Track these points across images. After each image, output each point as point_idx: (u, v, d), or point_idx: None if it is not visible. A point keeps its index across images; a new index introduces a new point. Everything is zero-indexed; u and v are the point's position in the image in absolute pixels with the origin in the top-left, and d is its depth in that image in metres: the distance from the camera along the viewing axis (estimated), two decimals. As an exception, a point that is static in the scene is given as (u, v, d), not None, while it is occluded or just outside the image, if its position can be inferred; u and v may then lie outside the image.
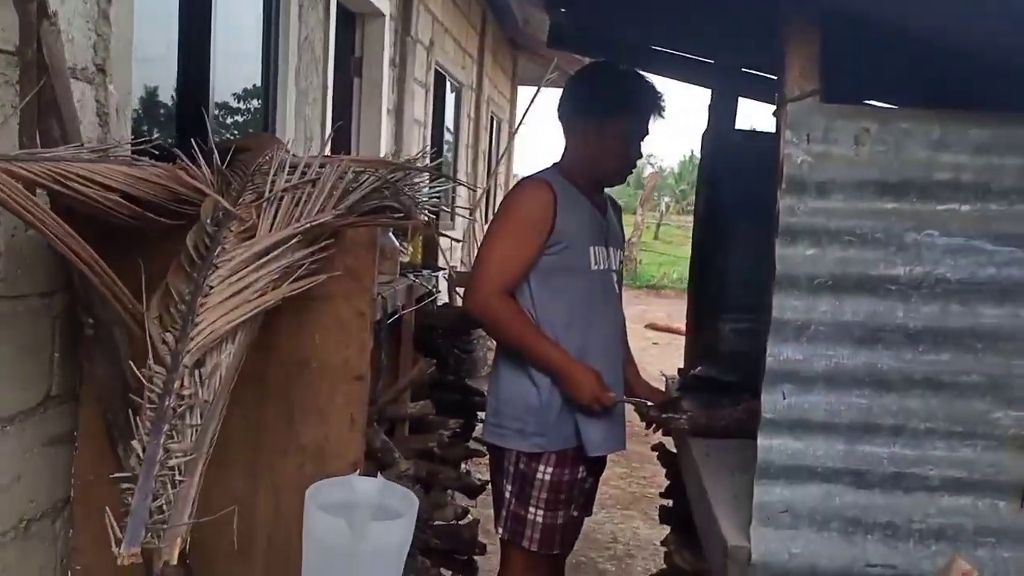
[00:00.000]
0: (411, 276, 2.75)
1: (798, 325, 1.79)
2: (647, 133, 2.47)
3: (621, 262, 2.52)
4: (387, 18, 4.96)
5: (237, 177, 1.98)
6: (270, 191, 1.85)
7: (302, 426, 2.01)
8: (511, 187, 2.42)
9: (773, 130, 1.93)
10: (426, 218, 2.78)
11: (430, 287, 2.88)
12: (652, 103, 2.41)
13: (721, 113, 3.22)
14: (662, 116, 2.49)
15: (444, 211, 3.81)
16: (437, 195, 2.61)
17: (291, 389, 2.02)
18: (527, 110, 8.24)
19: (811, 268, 1.77)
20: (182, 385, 1.46)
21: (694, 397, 2.92)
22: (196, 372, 1.50)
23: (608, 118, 2.38)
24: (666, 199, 30.32)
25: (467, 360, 3.11)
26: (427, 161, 2.49)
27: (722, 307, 3.41)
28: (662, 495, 3.15)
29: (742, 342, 3.53)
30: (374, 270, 2.10)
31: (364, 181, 2.12)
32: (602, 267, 2.42)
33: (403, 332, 2.59)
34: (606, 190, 2.57)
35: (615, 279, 2.50)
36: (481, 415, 2.64)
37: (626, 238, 2.79)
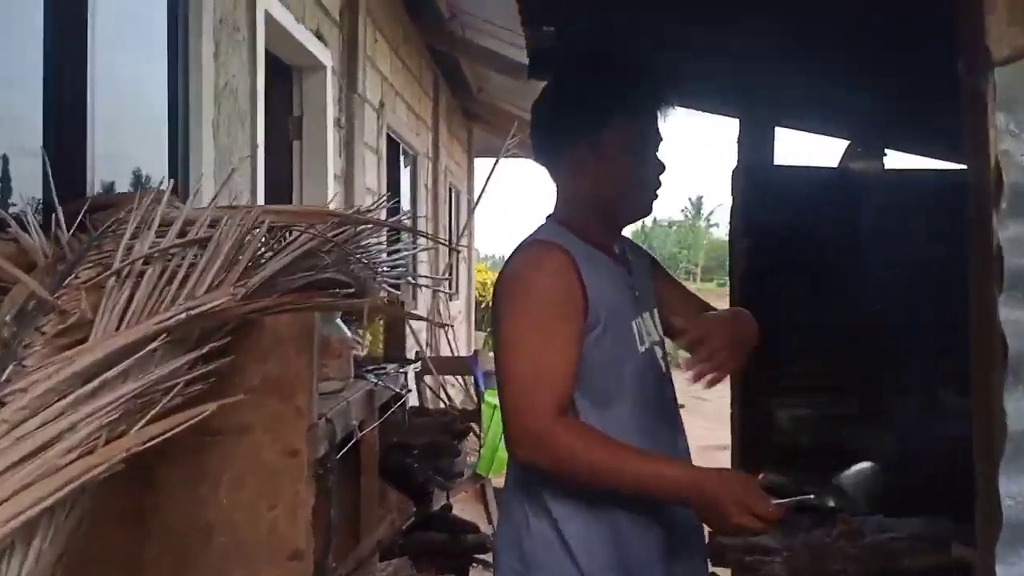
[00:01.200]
0: (371, 377, 1.97)
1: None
2: (660, 137, 1.69)
3: (657, 324, 1.73)
4: (328, 71, 4.27)
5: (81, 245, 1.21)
6: (121, 261, 1.08)
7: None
8: (508, 261, 1.62)
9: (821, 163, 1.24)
10: (388, 293, 2.01)
11: (397, 388, 2.09)
12: (656, 91, 1.66)
13: (755, 146, 2.54)
14: (674, 108, 1.72)
15: (412, 283, 3.04)
16: (401, 261, 1.86)
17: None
18: (488, 179, 7.59)
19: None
20: None
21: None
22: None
23: (601, 128, 1.61)
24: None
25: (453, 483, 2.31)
26: (384, 214, 1.75)
27: (775, 387, 2.69)
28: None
29: (803, 434, 2.81)
30: (312, 380, 1.33)
31: (291, 243, 1.37)
32: (647, 344, 1.65)
33: (363, 461, 1.79)
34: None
35: (662, 354, 1.70)
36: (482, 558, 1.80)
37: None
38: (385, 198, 2.18)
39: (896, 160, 2.68)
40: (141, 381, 0.97)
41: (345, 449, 1.61)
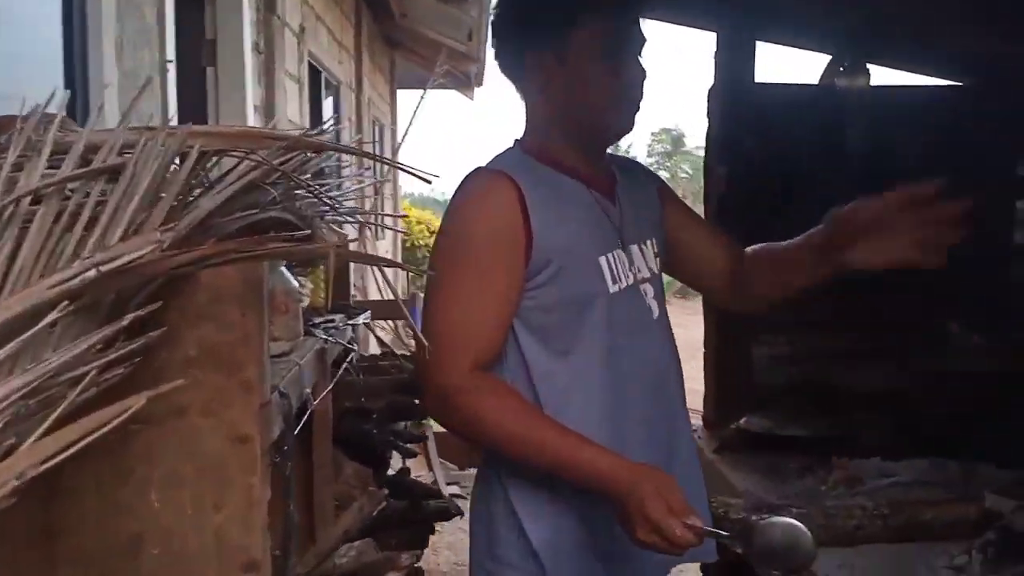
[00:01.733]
0: (319, 332, 1.69)
1: None
2: (642, 38, 1.42)
3: (658, 257, 1.50)
4: (243, -10, 3.85)
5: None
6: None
7: None
8: (459, 187, 1.40)
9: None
10: (337, 233, 1.74)
11: (346, 342, 1.82)
12: None
13: (734, 63, 2.30)
14: (652, 10, 1.48)
15: (362, 222, 2.72)
16: (353, 196, 1.58)
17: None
18: (415, 112, 7.18)
19: None
20: None
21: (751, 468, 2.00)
22: None
23: (567, 31, 1.35)
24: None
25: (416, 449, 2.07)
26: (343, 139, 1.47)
27: (753, 324, 2.50)
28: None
29: (784, 373, 2.64)
30: (263, 346, 1.06)
31: (228, 174, 1.08)
32: (627, 282, 1.41)
33: (316, 433, 1.52)
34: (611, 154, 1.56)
35: (654, 293, 1.47)
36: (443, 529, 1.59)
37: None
38: (332, 123, 1.87)
39: (881, 77, 2.48)
40: (35, 371, 0.69)
41: (300, 425, 1.34)
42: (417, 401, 2.03)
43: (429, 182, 1.51)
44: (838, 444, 2.03)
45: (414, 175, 1.40)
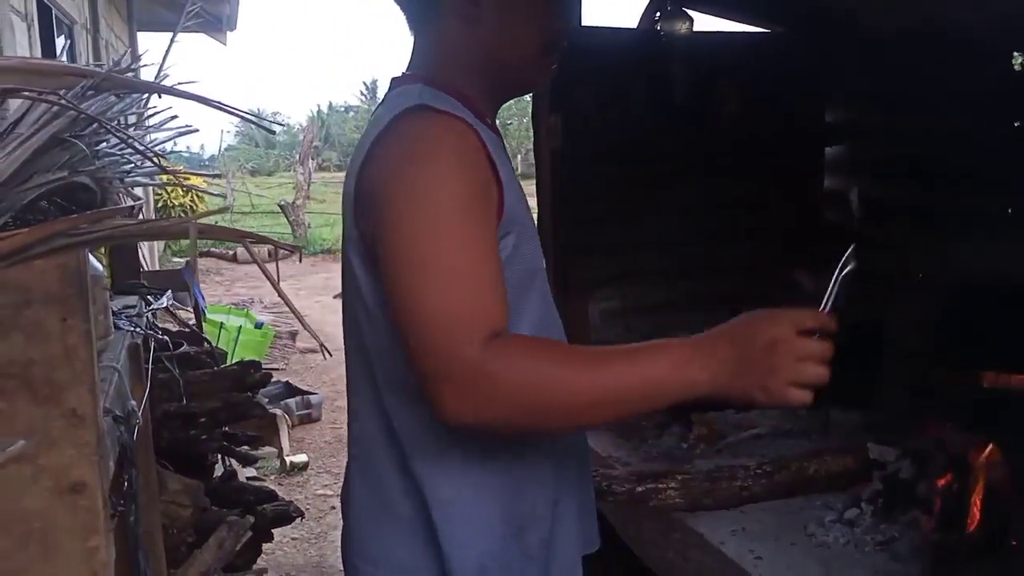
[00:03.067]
0: (124, 323, 1.37)
1: None
2: None
3: None
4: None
5: None
6: None
7: None
8: (381, 140, 1.04)
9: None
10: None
11: (160, 333, 1.50)
12: None
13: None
14: None
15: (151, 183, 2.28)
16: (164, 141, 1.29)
17: None
18: (164, 59, 6.45)
19: None
20: None
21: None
22: None
23: None
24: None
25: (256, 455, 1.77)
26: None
27: (592, 280, 2.41)
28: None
29: (618, 327, 2.58)
30: (93, 363, 0.78)
31: (19, 121, 0.78)
32: (542, 260, 1.24)
33: (136, 450, 1.21)
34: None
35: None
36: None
37: (294, 200, 1.47)
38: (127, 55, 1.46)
39: (704, 23, 2.44)
40: None
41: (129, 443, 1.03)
42: (254, 396, 1.73)
43: (273, 132, 1.21)
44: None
45: (259, 125, 1.13)
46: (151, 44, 10.66)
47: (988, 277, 1.52)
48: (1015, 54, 1.85)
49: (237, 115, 1.05)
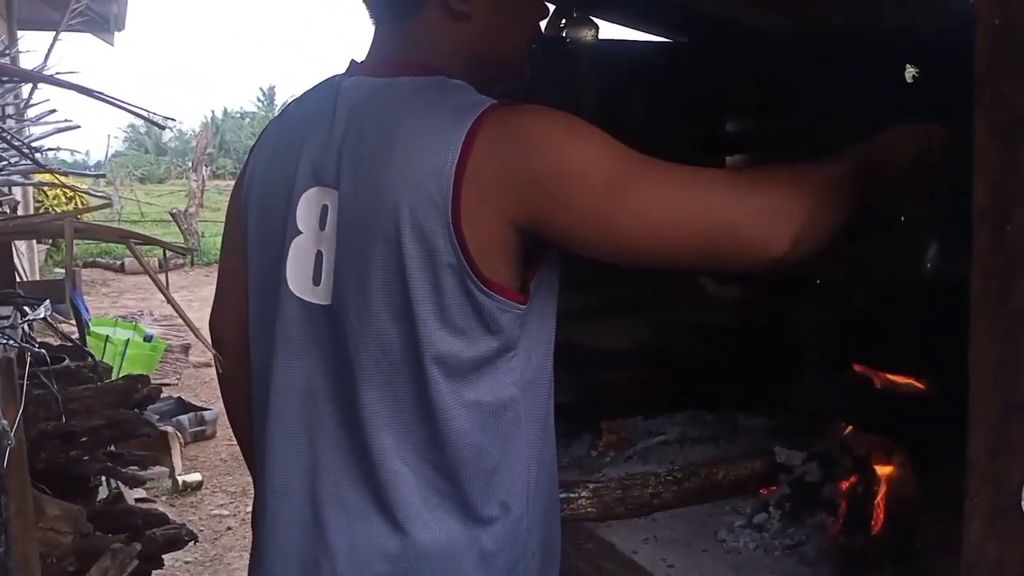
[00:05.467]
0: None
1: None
2: None
3: None
4: None
5: None
6: None
7: None
8: (537, 119, 1.02)
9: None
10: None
11: (36, 345, 1.38)
12: None
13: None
14: None
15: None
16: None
17: None
18: (46, 59, 6.12)
19: None
20: None
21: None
22: None
23: None
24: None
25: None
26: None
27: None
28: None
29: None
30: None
31: None
32: None
33: (9, 473, 1.11)
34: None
35: None
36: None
37: (186, 208, 1.42)
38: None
39: (609, 31, 2.45)
40: None
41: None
42: (142, 412, 1.61)
43: (163, 128, 1.13)
44: (597, 406, 1.98)
45: (149, 121, 1.05)
46: (35, 43, 10.15)
47: (889, 278, 1.56)
48: (907, 66, 1.92)
49: (121, 108, 0.97)
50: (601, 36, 2.41)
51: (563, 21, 2.49)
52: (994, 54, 0.83)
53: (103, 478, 1.76)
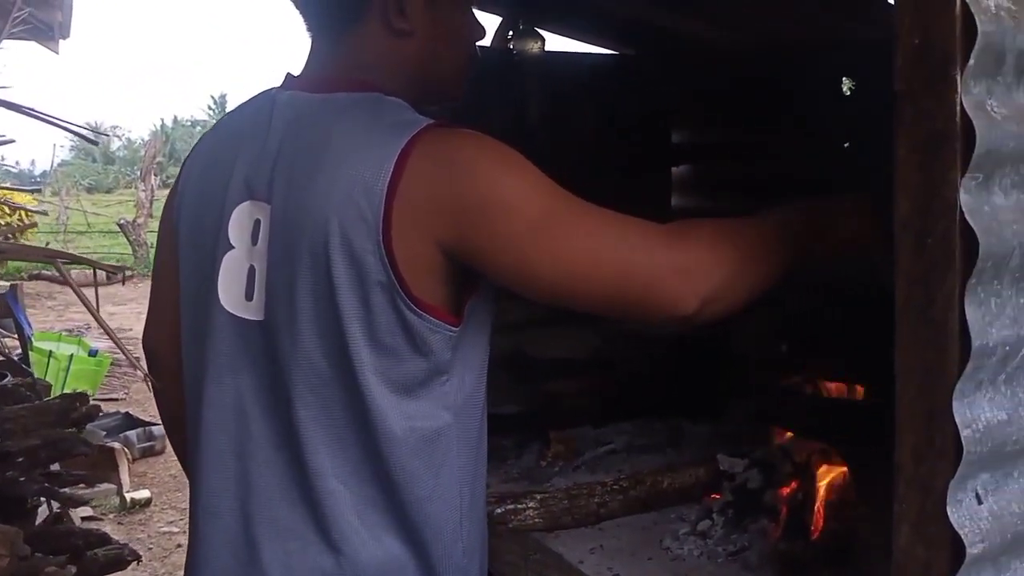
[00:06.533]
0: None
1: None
2: None
3: None
4: None
5: None
6: None
7: None
8: (472, 146, 1.01)
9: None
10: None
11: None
12: None
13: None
14: None
15: None
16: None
17: None
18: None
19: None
20: None
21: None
22: None
23: None
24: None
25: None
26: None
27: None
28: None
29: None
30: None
31: None
32: None
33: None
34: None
35: None
36: None
37: (135, 219, 1.43)
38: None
39: (556, 43, 2.47)
40: None
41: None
42: (80, 431, 1.58)
43: (96, 143, 1.12)
44: (546, 416, 1.99)
45: (81, 136, 1.03)
46: (-29, 51, 9.91)
47: (829, 286, 1.59)
48: (843, 78, 1.97)
49: (51, 123, 0.96)
50: (548, 48, 2.43)
51: (510, 33, 2.51)
52: (914, 73, 0.86)
53: (43, 499, 1.73)
